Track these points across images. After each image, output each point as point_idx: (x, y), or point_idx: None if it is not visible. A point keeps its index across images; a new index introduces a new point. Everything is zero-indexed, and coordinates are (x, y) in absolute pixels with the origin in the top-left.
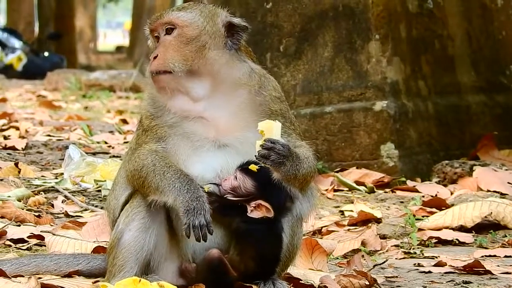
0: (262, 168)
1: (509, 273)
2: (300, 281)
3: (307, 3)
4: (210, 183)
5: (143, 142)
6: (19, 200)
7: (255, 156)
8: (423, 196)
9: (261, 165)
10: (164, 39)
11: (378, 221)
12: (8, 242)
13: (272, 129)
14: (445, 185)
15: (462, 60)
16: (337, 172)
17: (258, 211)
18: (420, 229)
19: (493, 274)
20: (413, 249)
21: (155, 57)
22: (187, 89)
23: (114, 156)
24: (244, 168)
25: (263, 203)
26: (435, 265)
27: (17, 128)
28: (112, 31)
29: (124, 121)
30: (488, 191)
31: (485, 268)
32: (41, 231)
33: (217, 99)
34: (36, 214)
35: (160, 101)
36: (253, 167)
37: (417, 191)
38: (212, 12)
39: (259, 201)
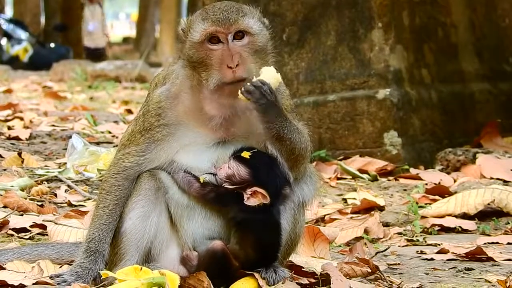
0: (255, 154)
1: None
2: (302, 269)
3: None
4: (206, 173)
5: (134, 141)
6: (22, 190)
7: (240, 90)
8: (426, 184)
9: (254, 151)
10: (233, 45)
11: (381, 209)
12: (10, 232)
13: (271, 76)
14: (448, 173)
15: (466, 48)
16: (340, 160)
17: (254, 198)
18: (423, 217)
19: (495, 261)
20: (416, 236)
21: (236, 64)
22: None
23: (117, 146)
24: (237, 155)
25: (258, 189)
26: (437, 252)
27: (22, 119)
28: (119, 22)
29: (129, 111)
30: (491, 178)
31: (487, 255)
32: (43, 220)
33: (241, 100)
34: (39, 203)
35: (186, 100)
36: (246, 154)
37: (420, 178)
38: (261, 17)
39: (254, 188)
